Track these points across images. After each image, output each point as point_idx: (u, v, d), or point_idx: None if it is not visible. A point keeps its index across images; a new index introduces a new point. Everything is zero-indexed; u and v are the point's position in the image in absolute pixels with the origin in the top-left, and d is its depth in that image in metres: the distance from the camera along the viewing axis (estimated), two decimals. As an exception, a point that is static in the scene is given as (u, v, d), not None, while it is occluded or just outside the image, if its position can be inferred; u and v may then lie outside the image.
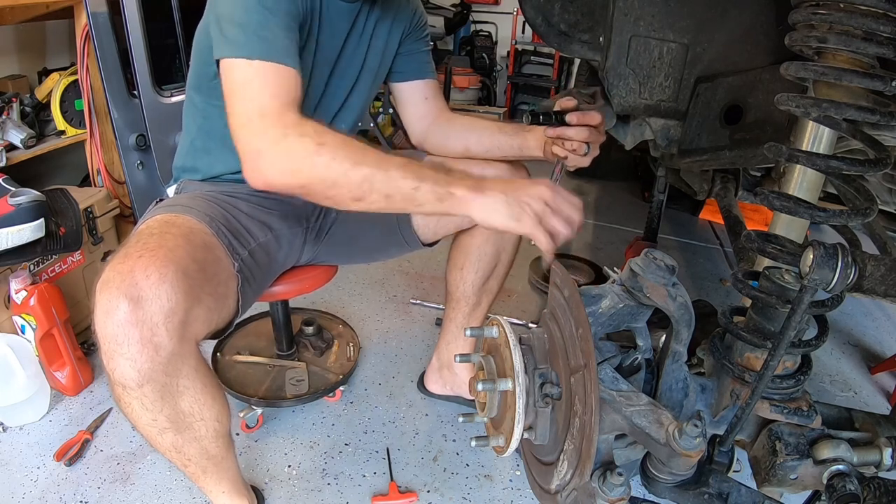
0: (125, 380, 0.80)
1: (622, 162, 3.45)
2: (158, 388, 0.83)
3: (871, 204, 0.77)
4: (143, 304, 0.77)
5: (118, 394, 0.84)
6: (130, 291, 0.77)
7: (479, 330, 0.79)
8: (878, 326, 2.16)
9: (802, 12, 0.78)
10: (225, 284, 0.97)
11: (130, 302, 0.76)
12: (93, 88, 1.84)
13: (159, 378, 0.82)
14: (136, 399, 0.84)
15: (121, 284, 0.77)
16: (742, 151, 1.19)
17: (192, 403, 0.90)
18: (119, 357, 0.78)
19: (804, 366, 0.82)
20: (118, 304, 0.76)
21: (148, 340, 0.78)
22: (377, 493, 1.31)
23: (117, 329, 0.77)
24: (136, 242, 0.84)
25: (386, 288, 2.17)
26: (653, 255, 0.78)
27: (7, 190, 1.40)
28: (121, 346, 0.78)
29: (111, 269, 0.79)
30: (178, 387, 0.87)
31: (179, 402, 0.88)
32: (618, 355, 0.81)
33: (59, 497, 1.26)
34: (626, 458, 0.81)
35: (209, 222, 0.98)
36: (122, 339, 0.77)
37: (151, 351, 0.79)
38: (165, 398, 0.86)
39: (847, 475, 0.74)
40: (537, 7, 1.42)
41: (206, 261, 0.91)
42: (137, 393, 0.83)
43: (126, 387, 0.82)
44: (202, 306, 0.87)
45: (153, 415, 0.87)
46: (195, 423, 0.92)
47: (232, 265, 0.99)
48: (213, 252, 0.95)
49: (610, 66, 1.25)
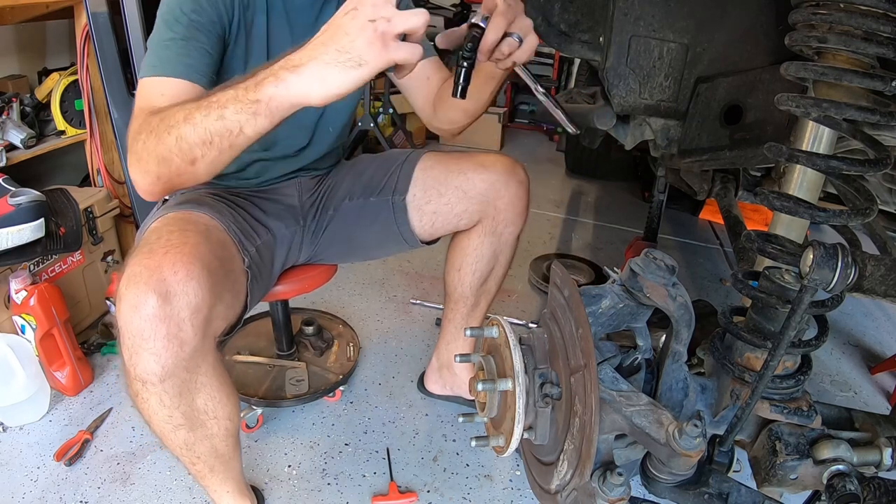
0: (147, 374, 0.80)
1: (622, 162, 3.45)
2: (178, 383, 0.84)
3: (871, 204, 0.77)
4: (171, 300, 0.78)
5: (136, 389, 0.84)
6: (159, 287, 0.77)
7: (479, 330, 0.79)
8: (878, 326, 2.16)
9: (802, 12, 0.78)
10: (238, 281, 0.99)
11: (159, 297, 0.77)
12: (93, 88, 1.84)
13: (181, 374, 0.83)
14: (154, 395, 0.84)
15: (149, 280, 0.77)
16: (742, 151, 1.19)
17: (208, 401, 0.91)
18: (144, 352, 0.79)
19: (804, 366, 0.82)
20: (146, 298, 0.76)
21: (174, 336, 0.79)
22: (377, 493, 1.31)
23: (144, 324, 0.77)
24: (158, 238, 0.85)
25: (386, 288, 2.17)
26: (653, 255, 0.78)
27: (7, 190, 1.40)
28: (146, 341, 0.78)
29: (137, 264, 0.79)
30: (197, 383, 0.87)
31: (196, 399, 0.89)
32: (618, 355, 0.81)
33: (59, 497, 1.26)
34: (626, 458, 0.81)
35: (221, 219, 1.00)
36: (149, 333, 0.77)
37: (177, 346, 0.79)
38: (184, 394, 0.86)
39: (847, 475, 0.74)
40: (537, 7, 1.42)
41: (223, 258, 0.92)
42: (158, 388, 0.83)
43: (147, 382, 0.82)
44: (223, 303, 0.88)
45: (170, 411, 0.87)
46: (209, 420, 0.93)
47: (242, 261, 1.00)
48: (228, 249, 0.97)
49: (610, 66, 1.25)
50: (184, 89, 0.89)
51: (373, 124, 3.40)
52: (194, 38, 0.93)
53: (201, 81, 0.92)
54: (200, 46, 0.94)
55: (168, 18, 0.93)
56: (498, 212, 1.23)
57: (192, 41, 0.93)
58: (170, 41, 0.92)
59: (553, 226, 2.88)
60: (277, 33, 1.06)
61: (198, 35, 0.94)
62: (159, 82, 0.90)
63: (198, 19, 0.94)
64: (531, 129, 4.93)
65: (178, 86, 0.90)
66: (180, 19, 0.93)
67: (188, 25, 0.93)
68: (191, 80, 0.91)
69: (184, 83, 0.90)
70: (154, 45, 0.93)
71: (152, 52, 0.93)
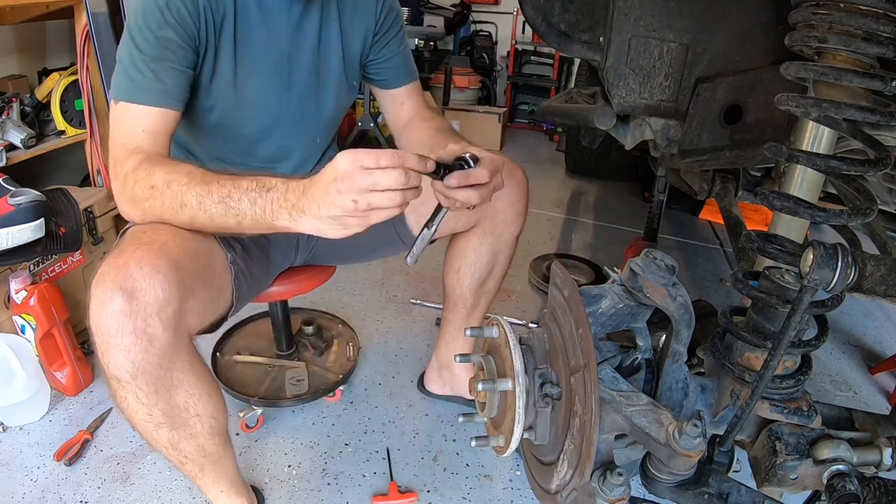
0: (119, 372, 0.81)
1: (622, 162, 3.45)
2: (152, 380, 0.84)
3: (871, 204, 0.77)
4: (136, 295, 0.78)
5: (114, 388, 0.85)
6: (125, 283, 0.78)
7: (479, 330, 0.79)
8: (878, 326, 2.16)
9: (802, 12, 0.79)
10: (220, 276, 0.98)
11: (124, 293, 0.77)
12: (93, 88, 1.84)
13: (153, 370, 0.83)
14: (130, 392, 0.84)
15: (115, 277, 0.78)
16: (742, 151, 1.19)
17: (187, 398, 0.90)
18: (113, 349, 0.79)
19: (804, 366, 0.82)
20: (112, 295, 0.77)
21: (142, 331, 0.79)
22: (377, 493, 1.31)
23: (111, 320, 0.78)
24: (131, 239, 0.86)
25: (386, 288, 2.17)
26: (653, 255, 0.78)
27: (7, 190, 1.40)
28: (114, 338, 0.78)
29: (107, 264, 0.81)
30: (173, 380, 0.87)
31: (174, 396, 0.88)
32: (618, 355, 0.82)
33: (59, 497, 1.26)
34: (626, 458, 0.81)
35: None
36: (116, 330, 0.78)
37: (145, 342, 0.79)
38: (160, 391, 0.86)
39: (847, 475, 0.74)
40: (537, 7, 1.42)
41: (198, 252, 0.92)
42: (132, 386, 0.83)
43: (120, 380, 0.82)
44: (196, 298, 0.88)
45: (148, 409, 0.87)
46: (190, 418, 0.92)
47: (225, 256, 1.00)
48: (206, 244, 0.96)
49: (610, 66, 1.25)
50: (161, 119, 0.94)
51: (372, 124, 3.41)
52: (164, 59, 0.92)
53: (175, 106, 0.95)
54: (170, 67, 0.93)
55: (135, 35, 0.92)
56: (497, 212, 1.22)
57: (162, 62, 0.92)
58: (140, 63, 0.91)
59: (553, 226, 2.88)
60: (252, 35, 1.03)
61: (166, 54, 0.93)
62: (137, 114, 0.92)
63: (164, 36, 0.92)
64: (531, 129, 4.93)
65: (155, 117, 0.93)
66: (148, 38, 0.91)
67: (155, 45, 0.92)
68: (166, 106, 0.94)
69: (159, 112, 0.93)
70: (124, 65, 0.93)
71: (123, 73, 0.93)
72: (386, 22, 1.19)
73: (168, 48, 0.93)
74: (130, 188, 0.89)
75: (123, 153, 0.92)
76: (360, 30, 1.16)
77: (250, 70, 1.04)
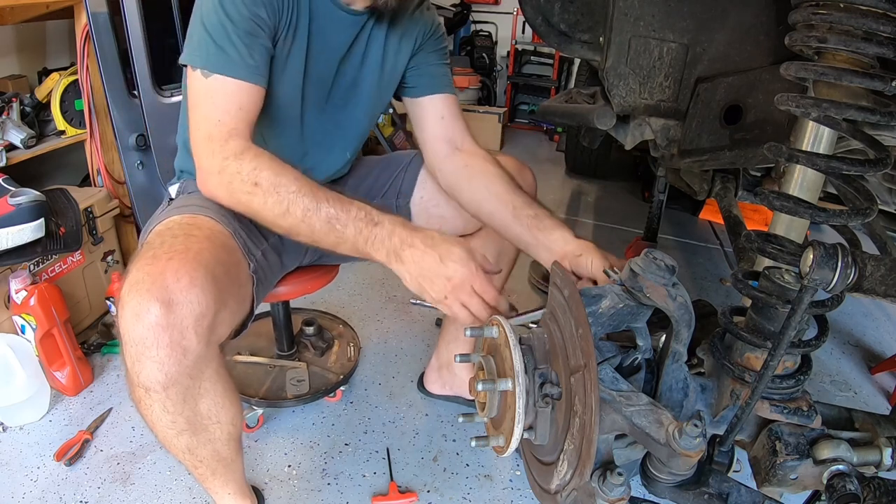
0: (150, 382, 0.80)
1: (622, 162, 3.46)
2: (182, 390, 0.83)
3: (871, 204, 0.77)
4: (174, 308, 0.76)
5: (139, 395, 0.84)
6: (162, 295, 0.76)
7: (479, 330, 0.79)
8: (878, 326, 2.16)
9: (802, 12, 0.78)
10: (244, 286, 0.97)
11: (162, 306, 0.76)
12: (93, 88, 1.84)
13: (184, 381, 0.82)
14: (158, 402, 0.83)
15: (151, 287, 0.76)
16: (742, 151, 1.19)
17: (212, 406, 0.90)
18: (146, 360, 0.78)
19: (804, 366, 0.81)
20: (149, 307, 0.75)
21: (177, 344, 0.78)
22: (377, 493, 1.31)
23: (147, 332, 0.76)
24: (162, 244, 0.84)
25: (386, 288, 2.17)
26: (653, 255, 0.78)
27: (7, 190, 1.40)
28: (149, 350, 0.77)
29: (140, 271, 0.78)
30: (201, 389, 0.87)
31: (199, 405, 0.88)
32: (618, 355, 0.81)
33: (59, 497, 1.26)
34: (626, 458, 0.81)
35: (226, 223, 0.97)
36: (152, 342, 0.77)
37: (180, 354, 0.78)
38: (187, 400, 0.85)
39: (847, 475, 0.74)
40: (537, 7, 1.42)
41: (229, 263, 0.91)
42: (161, 395, 0.82)
43: (150, 389, 0.81)
44: (227, 309, 0.87)
45: (173, 417, 0.86)
46: (212, 425, 0.92)
47: (248, 266, 0.99)
48: (234, 254, 0.95)
49: (610, 66, 1.25)
50: (256, 98, 0.93)
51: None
52: (255, 35, 0.91)
53: (263, 84, 0.94)
54: (261, 44, 0.92)
55: (227, 4, 0.88)
56: None
57: (253, 38, 0.90)
58: (234, 34, 0.88)
59: (553, 226, 2.87)
60: (316, 46, 1.02)
61: (258, 31, 0.91)
62: (234, 89, 0.90)
63: (257, 13, 0.90)
64: (531, 129, 4.93)
65: (252, 95, 0.92)
66: (241, 10, 0.88)
67: (248, 19, 0.89)
68: (257, 83, 0.92)
69: (256, 90, 0.92)
70: (213, 34, 0.88)
71: (212, 43, 0.88)
72: (431, 36, 1.17)
73: (259, 25, 0.91)
74: (230, 175, 0.88)
75: (222, 132, 0.89)
76: (408, 46, 1.14)
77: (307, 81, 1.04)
